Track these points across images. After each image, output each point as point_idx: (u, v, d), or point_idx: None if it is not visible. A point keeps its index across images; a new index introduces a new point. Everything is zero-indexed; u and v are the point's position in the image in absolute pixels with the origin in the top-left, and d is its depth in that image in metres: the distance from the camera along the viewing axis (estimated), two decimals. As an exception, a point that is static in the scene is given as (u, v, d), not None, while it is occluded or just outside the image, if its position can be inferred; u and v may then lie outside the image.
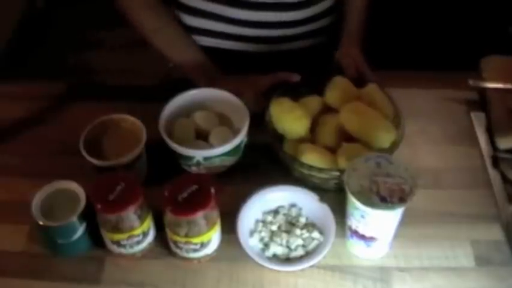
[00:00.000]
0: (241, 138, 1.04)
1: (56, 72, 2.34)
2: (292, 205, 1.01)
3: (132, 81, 1.20)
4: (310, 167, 0.99)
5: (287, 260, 0.95)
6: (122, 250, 0.95)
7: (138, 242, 0.94)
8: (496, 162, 1.08)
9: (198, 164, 1.03)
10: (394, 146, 1.02)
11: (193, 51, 1.25)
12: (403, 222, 0.92)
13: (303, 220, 0.99)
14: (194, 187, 0.89)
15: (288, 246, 0.96)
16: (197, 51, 1.25)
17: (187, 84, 1.15)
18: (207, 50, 1.30)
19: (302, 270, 0.94)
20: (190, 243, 0.92)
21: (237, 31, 1.28)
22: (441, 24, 1.80)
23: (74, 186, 0.95)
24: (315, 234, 0.97)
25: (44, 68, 2.42)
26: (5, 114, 1.20)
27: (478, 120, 1.16)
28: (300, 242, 0.96)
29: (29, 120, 1.18)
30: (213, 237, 0.94)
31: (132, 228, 0.92)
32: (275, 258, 0.96)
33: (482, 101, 1.20)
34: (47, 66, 2.45)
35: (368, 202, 0.86)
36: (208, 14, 1.27)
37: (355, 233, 0.93)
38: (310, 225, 0.98)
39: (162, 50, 1.25)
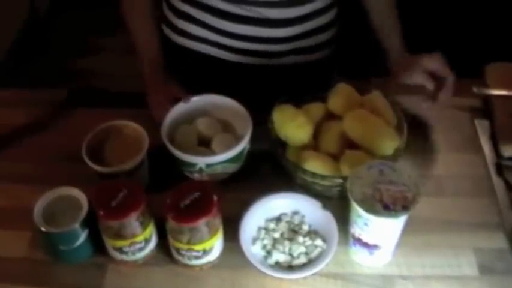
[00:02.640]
0: (244, 145, 1.04)
1: (57, 78, 2.35)
2: (295, 212, 1.01)
3: (135, 87, 1.20)
4: (313, 174, 0.99)
5: (289, 267, 0.95)
6: (124, 257, 0.94)
7: (140, 249, 0.94)
8: (500, 169, 1.08)
9: (200, 170, 1.03)
10: (397, 153, 1.02)
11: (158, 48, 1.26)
12: (406, 230, 0.92)
13: (305, 227, 0.99)
14: (196, 194, 0.89)
15: (290, 254, 0.96)
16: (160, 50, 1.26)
17: (190, 91, 1.14)
18: (199, 56, 1.30)
19: (304, 278, 0.94)
20: (193, 250, 0.92)
21: (227, 42, 1.27)
22: (445, 31, 1.80)
23: (76, 192, 0.95)
24: (318, 241, 0.97)
25: (45, 74, 2.43)
26: (7, 120, 1.20)
27: (482, 128, 1.16)
28: (302, 249, 0.96)
29: (30, 126, 1.19)
30: (215, 245, 0.94)
31: (134, 235, 0.91)
32: (277, 265, 0.95)
33: (486, 108, 1.19)
34: (49, 72, 2.46)
35: (371, 210, 0.86)
36: (197, 21, 1.26)
37: (358, 240, 0.93)
38: (313, 233, 0.98)
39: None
